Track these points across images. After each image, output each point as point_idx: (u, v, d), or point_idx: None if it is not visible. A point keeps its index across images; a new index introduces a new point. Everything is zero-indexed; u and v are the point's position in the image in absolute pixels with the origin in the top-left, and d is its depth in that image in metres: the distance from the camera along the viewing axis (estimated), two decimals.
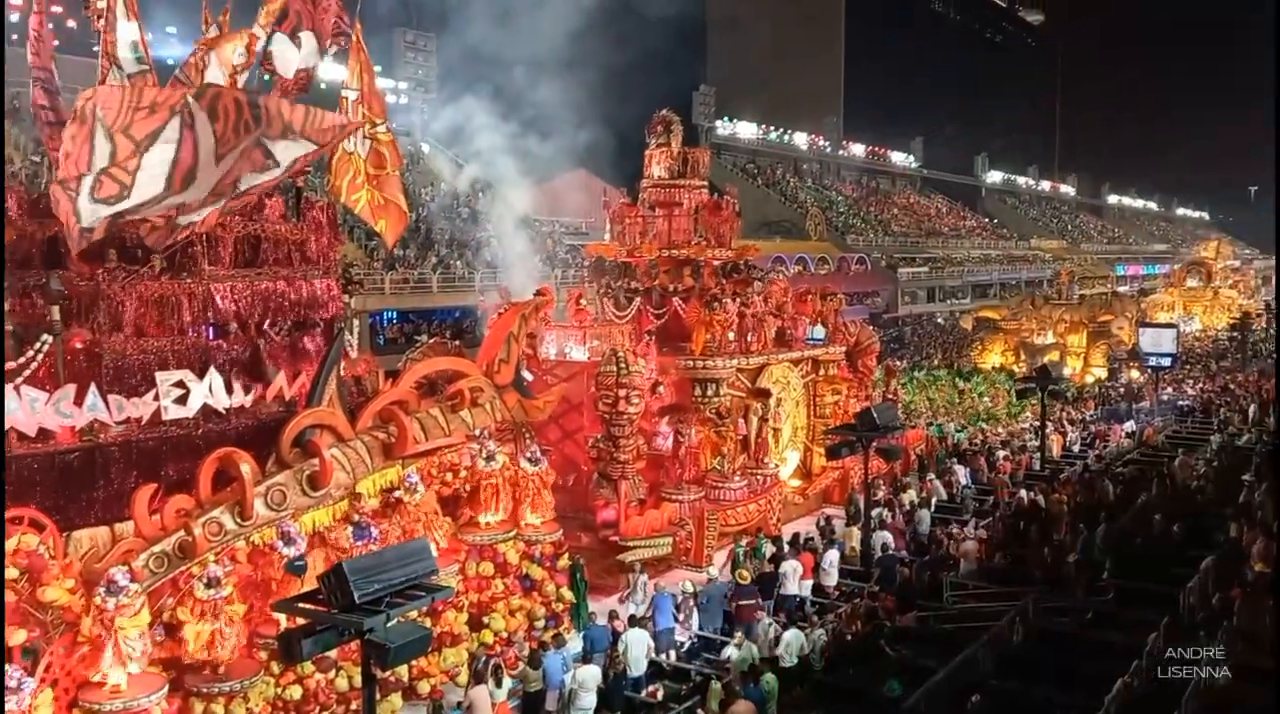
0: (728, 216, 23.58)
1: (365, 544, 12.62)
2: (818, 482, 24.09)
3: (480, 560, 14.67)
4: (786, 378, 23.27)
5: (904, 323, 69.60)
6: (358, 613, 8.35)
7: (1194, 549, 17.65)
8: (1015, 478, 24.76)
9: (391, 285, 37.91)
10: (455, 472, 14.99)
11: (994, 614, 15.10)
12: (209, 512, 11.96)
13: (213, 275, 14.05)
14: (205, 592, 11.30)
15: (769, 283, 23.94)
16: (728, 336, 21.42)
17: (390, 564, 8.81)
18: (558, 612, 15.50)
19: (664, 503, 19.16)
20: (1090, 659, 13.72)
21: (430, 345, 19.93)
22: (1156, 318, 56.28)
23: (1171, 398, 39.00)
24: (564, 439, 19.25)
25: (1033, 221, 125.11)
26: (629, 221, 23.38)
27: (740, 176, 79.07)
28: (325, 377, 13.81)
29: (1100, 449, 29.17)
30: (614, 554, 17.83)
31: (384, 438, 14.08)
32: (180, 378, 12.81)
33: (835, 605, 16.73)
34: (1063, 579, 17.05)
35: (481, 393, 15.65)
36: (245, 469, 12.18)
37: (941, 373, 44.25)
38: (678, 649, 15.33)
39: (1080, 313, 49.05)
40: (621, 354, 18.19)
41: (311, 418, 13.32)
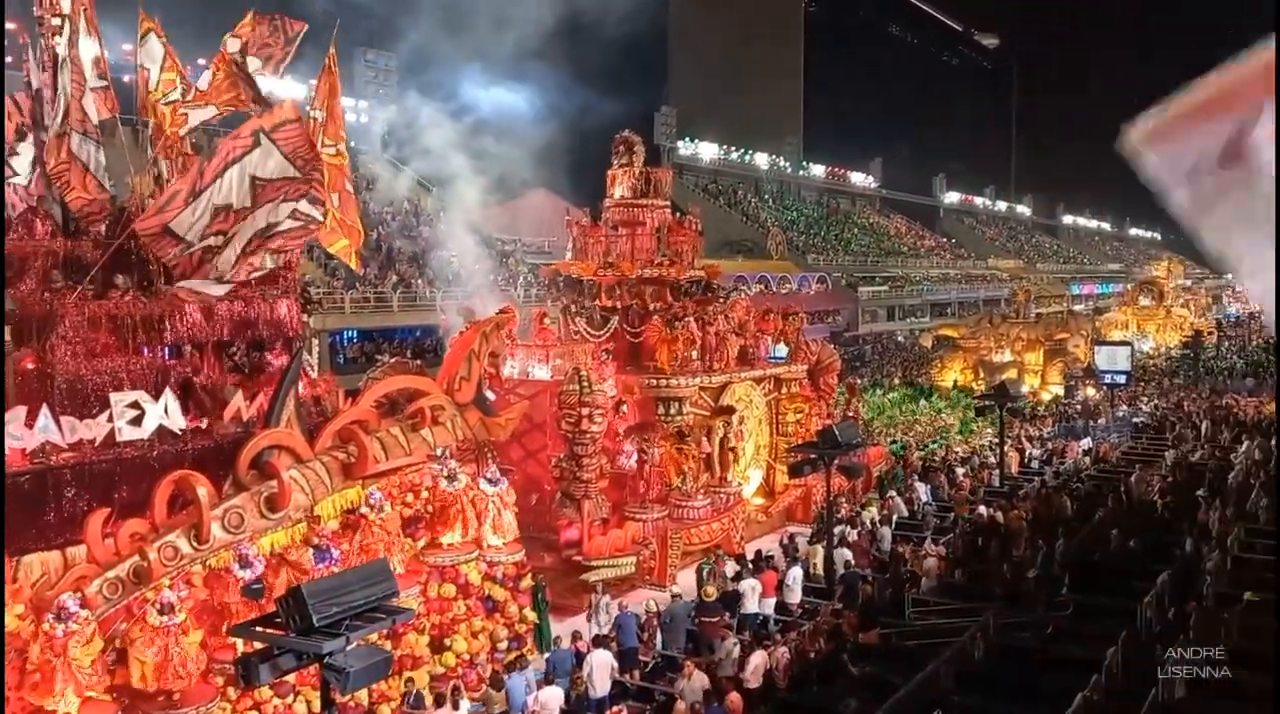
0: (690, 236, 23.67)
1: (326, 566, 12.45)
2: (781, 499, 24.15)
3: (442, 582, 14.52)
4: (749, 396, 23.35)
5: (864, 341, 70.18)
6: (316, 636, 8.22)
7: (1151, 563, 17.88)
8: (975, 494, 24.97)
9: (351, 304, 37.60)
10: (416, 492, 14.86)
11: (955, 630, 15.17)
12: (164, 536, 11.75)
13: (171, 295, 13.87)
14: (159, 618, 11.08)
15: (731, 302, 24.04)
16: (691, 355, 21.47)
17: (350, 586, 8.68)
18: (520, 633, 15.37)
19: (627, 522, 19.11)
20: (1050, 674, 13.81)
21: (391, 365, 19.80)
22: (1111, 336, 57.15)
23: (1127, 415, 39.57)
24: (527, 458, 19.17)
25: (990, 241, 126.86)
26: (592, 241, 23.40)
27: (702, 196, 79.46)
28: (283, 397, 13.64)
29: (1058, 465, 29.51)
30: (577, 574, 17.75)
31: (344, 458, 13.92)
32: (135, 399, 12.61)
33: (798, 623, 16.74)
34: (1022, 595, 17.17)
35: (443, 411, 15.50)
36: (202, 492, 11.98)
37: (902, 390, 44.62)
38: (642, 669, 15.25)
39: (1037, 331, 49.71)
40: (585, 373, 18.17)
41: (269, 439, 13.14)
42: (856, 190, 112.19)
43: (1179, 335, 65.91)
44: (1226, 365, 54.24)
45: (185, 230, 12.97)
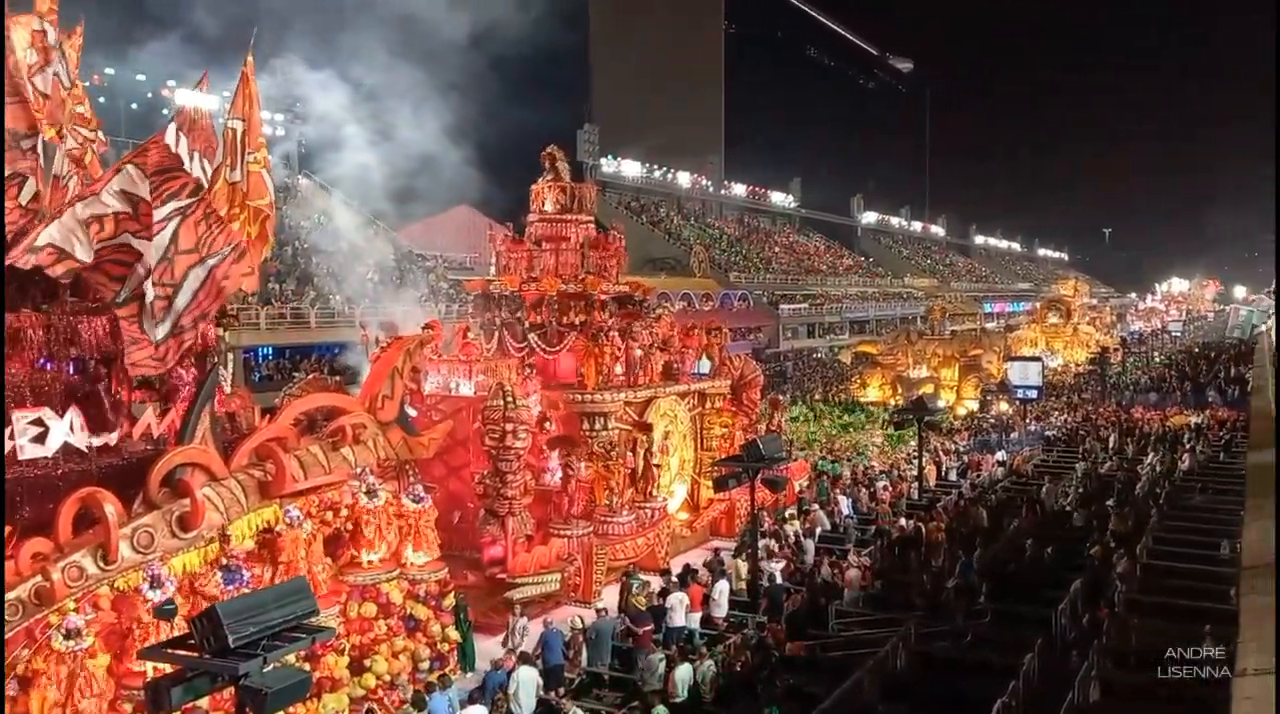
0: (615, 252, 23.69)
1: (236, 588, 12.06)
2: (705, 514, 24.22)
3: (362, 601, 14.17)
4: (674, 411, 23.41)
5: (786, 357, 71.02)
6: (232, 657, 7.94)
7: (1064, 572, 18.36)
8: (896, 507, 25.37)
9: (267, 320, 36.76)
10: (336, 510, 14.50)
11: (877, 641, 15.35)
12: (69, 555, 11.26)
13: (75, 307, 13.35)
14: (64, 643, 10.61)
15: (656, 317, 24.09)
16: (615, 370, 21.44)
17: (268, 605, 8.40)
18: (443, 652, 15.07)
19: (552, 539, 18.95)
20: (970, 681, 14.05)
21: (309, 381, 19.35)
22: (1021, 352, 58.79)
23: (1038, 428, 40.67)
24: (450, 475, 18.89)
25: (906, 260, 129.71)
26: (515, 256, 23.25)
27: (625, 213, 79.85)
28: (198, 413, 13.21)
29: (974, 478, 30.17)
30: (502, 592, 17.51)
31: (260, 476, 13.52)
32: (38, 416, 12.09)
33: (724, 637, 16.75)
34: (942, 604, 17.48)
35: (364, 430, 15.17)
36: (110, 509, 11.51)
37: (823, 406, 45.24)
38: (567, 686, 15.09)
39: (952, 347, 50.89)
40: (509, 388, 18.00)
41: (182, 456, 12.70)
42: (776, 209, 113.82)
43: (1086, 351, 68.14)
44: (1131, 380, 56.15)
45: (60, 240, 12.39)
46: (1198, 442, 33.27)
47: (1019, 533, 21.42)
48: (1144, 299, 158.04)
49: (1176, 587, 17.49)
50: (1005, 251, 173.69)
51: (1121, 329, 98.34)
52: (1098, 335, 73.70)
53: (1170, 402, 46.07)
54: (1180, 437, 34.69)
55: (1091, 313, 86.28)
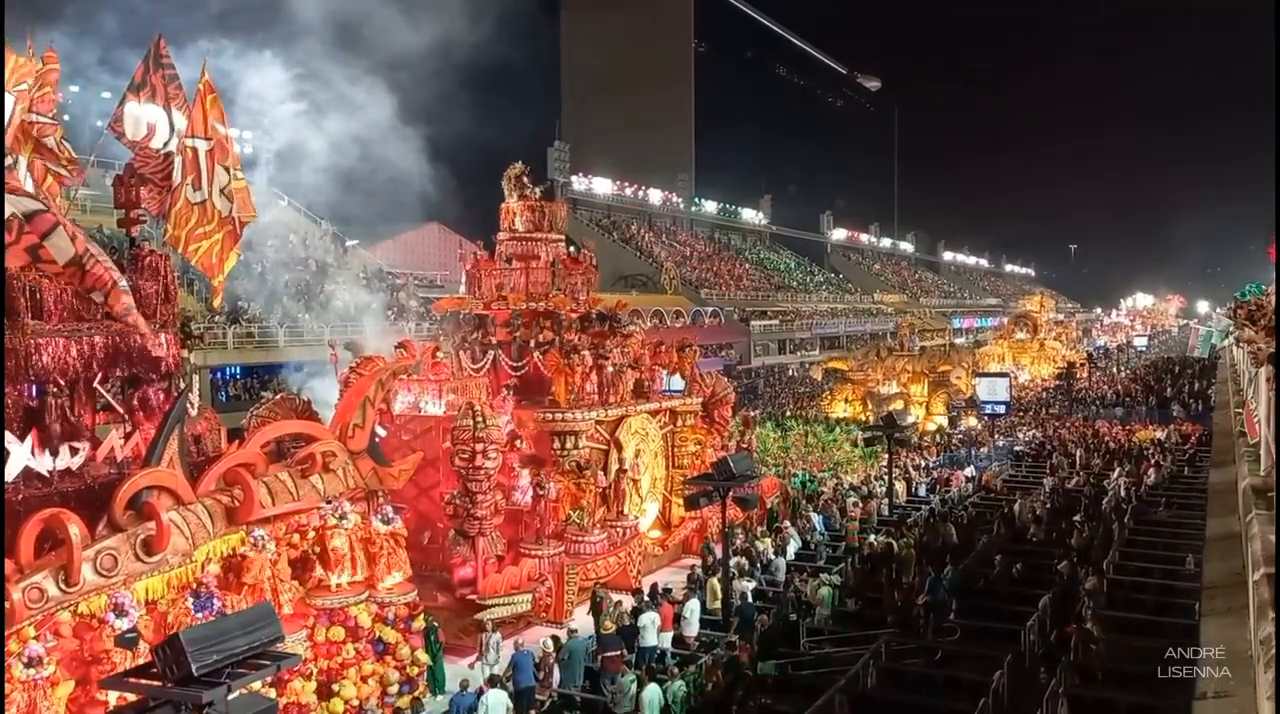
0: (585, 270, 23.70)
1: (206, 615, 11.90)
2: (677, 532, 24.19)
3: (330, 625, 14.02)
4: (645, 429, 23.40)
5: (757, 374, 71.25)
6: (196, 686, 7.82)
7: (1032, 588, 18.47)
8: (866, 524, 25.44)
9: (235, 339, 36.42)
10: (303, 532, 14.37)
11: (849, 659, 15.37)
12: (30, 576, 11.06)
13: (36, 329, 13.16)
14: (25, 672, 10.43)
15: (627, 335, 24.09)
16: (586, 388, 21.41)
17: (232, 632, 8.29)
18: (413, 676, 14.92)
19: (523, 559, 18.86)
20: (941, 698, 14.11)
21: (276, 401, 19.15)
22: (989, 368, 59.32)
23: (1007, 444, 40.99)
24: (419, 495, 18.79)
25: (875, 276, 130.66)
26: (485, 274, 23.21)
27: (596, 231, 79.93)
28: (165, 436, 13.04)
29: (943, 494, 30.34)
30: (472, 613, 17.40)
31: (228, 502, 13.37)
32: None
33: (696, 656, 16.70)
34: (913, 621, 17.54)
35: (334, 458, 15.03)
36: (74, 530, 11.33)
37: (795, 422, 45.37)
38: (539, 708, 14.99)
39: (921, 363, 51.23)
40: (479, 408, 17.93)
41: (148, 479, 12.53)
42: (747, 227, 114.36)
43: (1052, 367, 68.81)
44: (1097, 395, 56.75)
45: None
46: (1162, 456, 33.66)
47: (989, 549, 21.55)
48: (1109, 314, 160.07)
49: (1143, 601, 17.66)
50: (973, 267, 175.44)
51: (1087, 344, 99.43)
52: (1064, 350, 74.46)
53: (1135, 416, 46.64)
54: (1145, 451, 35.09)
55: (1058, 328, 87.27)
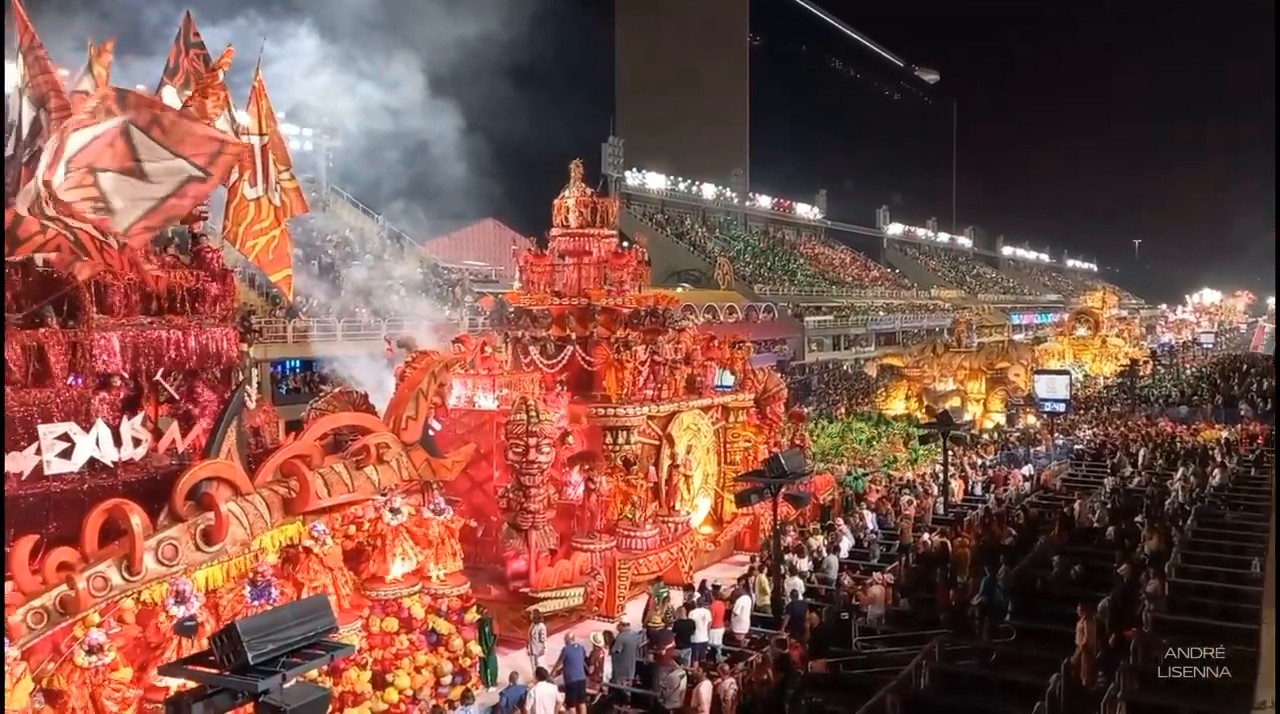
0: (637, 265, 23.72)
1: (263, 604, 12.14)
2: (729, 528, 24.12)
3: (384, 616, 14.22)
4: (697, 425, 23.36)
5: (810, 370, 70.74)
6: (252, 674, 7.98)
7: (1092, 589, 18.11)
8: (920, 522, 25.15)
9: (294, 333, 37.04)
10: (359, 524, 14.59)
11: (901, 659, 15.21)
12: (94, 565, 11.38)
13: (100, 324, 13.51)
14: (86, 658, 10.72)
15: (679, 330, 24.07)
16: (638, 384, 21.43)
17: (287, 622, 8.44)
18: (465, 667, 15.07)
19: (575, 553, 18.94)
20: (995, 701, 13.90)
21: (334, 395, 19.45)
22: (1049, 365, 58.24)
23: (1066, 442, 40.25)
24: (473, 489, 18.92)
25: (932, 272, 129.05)
26: (538, 269, 23.33)
27: (649, 226, 79.93)
28: (224, 428, 13.33)
29: (1000, 493, 29.88)
30: (525, 606, 17.52)
31: (285, 493, 13.62)
32: (65, 431, 12.23)
33: (746, 653, 16.65)
34: (967, 621, 17.30)
35: (388, 450, 15.26)
36: (136, 521, 11.64)
37: (848, 419, 45.01)
38: (589, 701, 15.05)
39: (979, 360, 50.46)
40: (532, 403, 18.03)
41: (208, 470, 12.82)
42: (802, 221, 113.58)
43: (1114, 364, 67.40)
44: (1162, 393, 55.49)
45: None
46: (1228, 457, 32.80)
47: (1047, 549, 21.18)
48: (1174, 311, 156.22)
49: (1206, 605, 17.23)
50: (1033, 263, 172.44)
51: (1151, 341, 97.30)
52: (1127, 347, 72.88)
53: (1200, 415, 45.51)
54: (1210, 451, 34.23)
55: (1120, 325, 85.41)
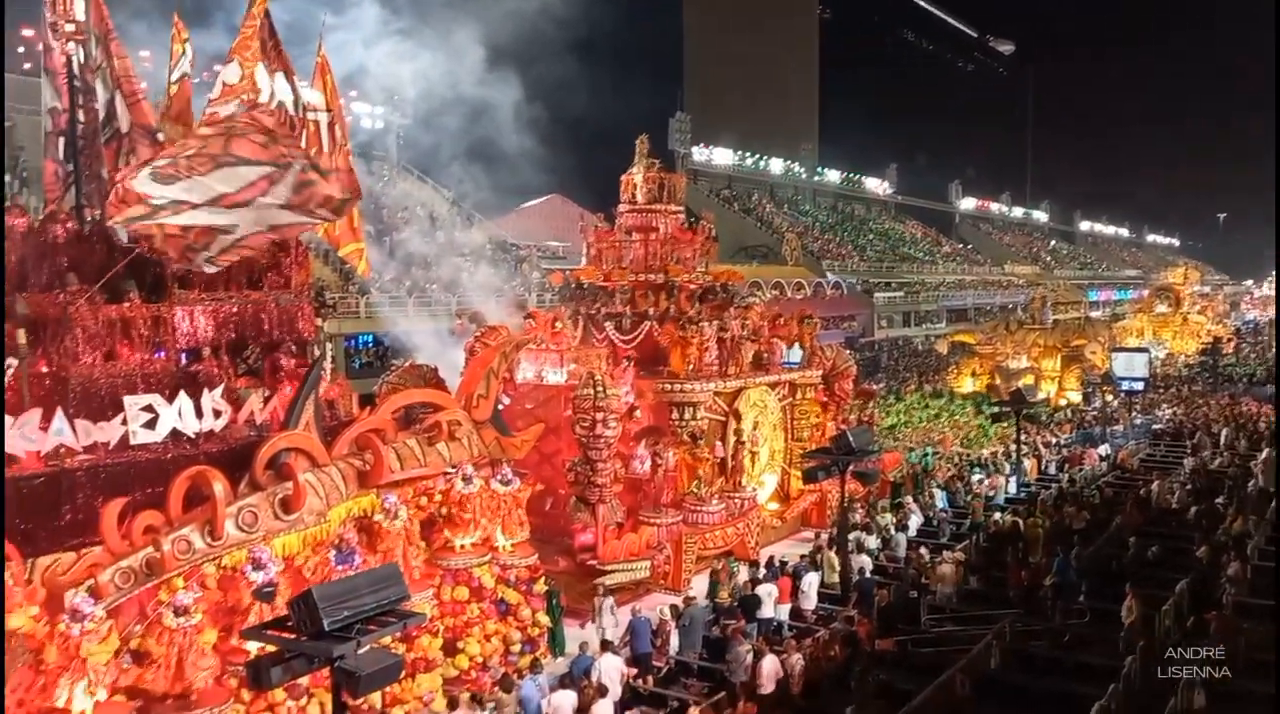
0: (704, 241, 23.63)
1: (347, 569, 12.45)
2: (795, 505, 24.04)
3: (455, 585, 14.51)
4: (764, 401, 23.26)
5: (880, 347, 69.90)
6: (327, 640, 8.19)
7: (1169, 572, 17.72)
8: (991, 501, 24.81)
9: (366, 308, 37.69)
10: (430, 495, 14.86)
11: (971, 638, 15.06)
12: (179, 529, 11.79)
13: (181, 298, 13.91)
14: (174, 620, 11.10)
15: (746, 307, 23.96)
16: (705, 360, 21.41)
17: (361, 590, 8.64)
18: (534, 636, 15.32)
19: (642, 526, 19.05)
20: (1068, 682, 13.70)
21: (405, 369, 19.77)
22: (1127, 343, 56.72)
23: (1145, 422, 39.27)
24: (542, 462, 19.12)
25: (1006, 247, 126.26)
26: (605, 246, 23.39)
27: (716, 202, 79.49)
28: (303, 400, 13.67)
29: (1075, 472, 29.30)
30: (592, 578, 17.68)
31: (359, 465, 13.94)
32: (149, 402, 12.64)
33: (813, 630, 16.63)
34: (1039, 602, 17.05)
35: (459, 427, 15.53)
36: (218, 488, 12.01)
37: (918, 397, 44.44)
38: (656, 674, 15.18)
39: (1054, 337, 49.39)
40: (599, 378, 18.13)
41: (287, 441, 13.17)
42: (871, 196, 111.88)
43: (1196, 342, 65.42)
44: (1246, 372, 53.75)
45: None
46: None
47: (1123, 529, 20.75)
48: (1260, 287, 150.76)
49: None
50: (1112, 238, 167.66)
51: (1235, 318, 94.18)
52: (1209, 325, 70.60)
53: None
54: None
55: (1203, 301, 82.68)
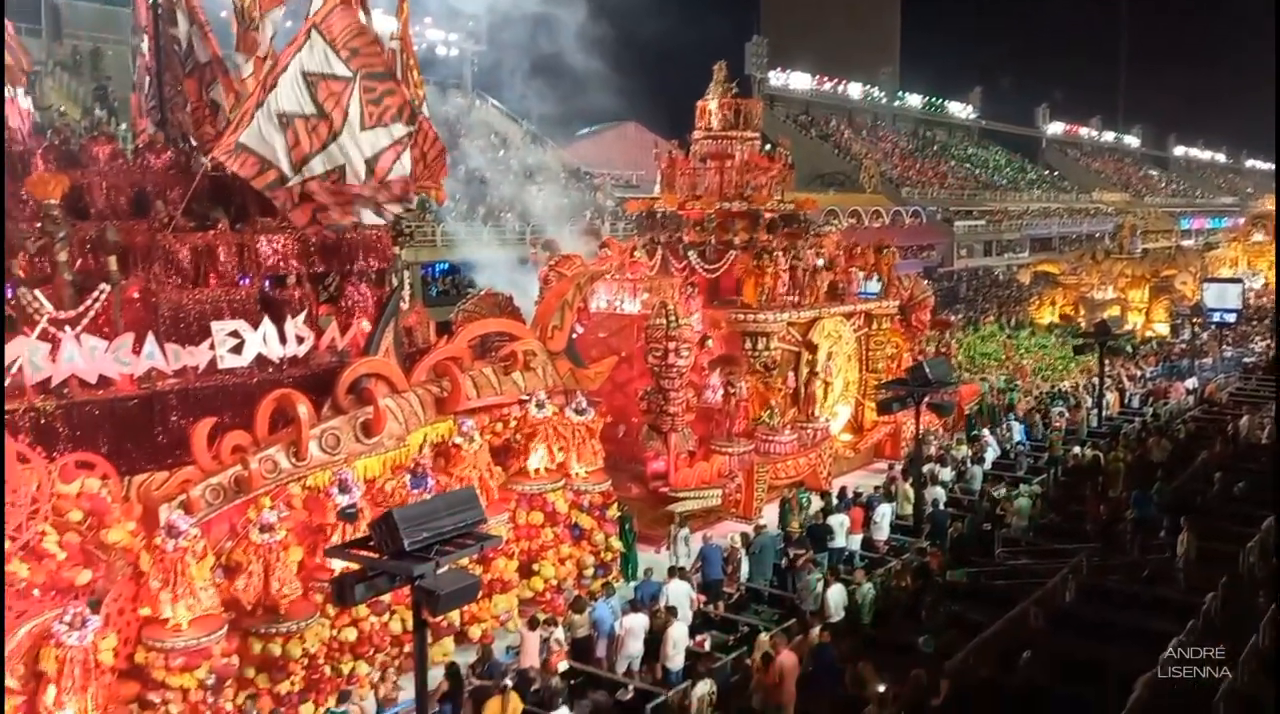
0: (780, 169, 23.26)
1: (420, 492, 12.78)
2: (869, 436, 23.92)
3: (530, 509, 14.81)
4: (838, 332, 23.02)
5: (959, 277, 68.42)
6: (408, 560, 8.45)
7: (1254, 507, 17.26)
8: (1071, 435, 24.37)
9: (442, 237, 38.01)
10: (505, 421, 15.12)
11: (1046, 572, 14.91)
12: (265, 449, 12.21)
13: (265, 226, 14.18)
14: (260, 536, 11.55)
15: (822, 236, 23.62)
16: (779, 290, 21.22)
17: (439, 513, 8.87)
18: (606, 561, 15.63)
19: (713, 455, 19.15)
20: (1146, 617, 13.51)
21: (480, 297, 20.00)
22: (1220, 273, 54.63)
23: (1235, 355, 37.99)
24: (614, 391, 19.25)
25: (1095, 173, 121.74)
26: (680, 174, 23.16)
27: (793, 128, 77.81)
28: (383, 327, 13.99)
29: (1159, 406, 28.56)
30: (664, 505, 17.91)
31: (437, 392, 14.23)
32: (234, 328, 13.01)
33: (884, 560, 16.65)
34: (1118, 537, 16.78)
35: (534, 357, 15.76)
36: (302, 410, 12.40)
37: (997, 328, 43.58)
38: (726, 600, 15.38)
39: (1143, 267, 47.87)
40: (671, 307, 18.11)
41: (367, 366, 13.50)
42: (954, 121, 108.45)
43: None
44: None
45: (259, 144, 13.22)
46: None
47: (1208, 465, 20.23)
48: None
49: None
50: (1208, 163, 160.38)
51: None
52: None
53: None
54: None
55: None
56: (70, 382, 11.87)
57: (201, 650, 10.81)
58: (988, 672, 11.87)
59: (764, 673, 11.63)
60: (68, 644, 9.72)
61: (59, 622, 9.78)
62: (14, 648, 9.80)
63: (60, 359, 11.73)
